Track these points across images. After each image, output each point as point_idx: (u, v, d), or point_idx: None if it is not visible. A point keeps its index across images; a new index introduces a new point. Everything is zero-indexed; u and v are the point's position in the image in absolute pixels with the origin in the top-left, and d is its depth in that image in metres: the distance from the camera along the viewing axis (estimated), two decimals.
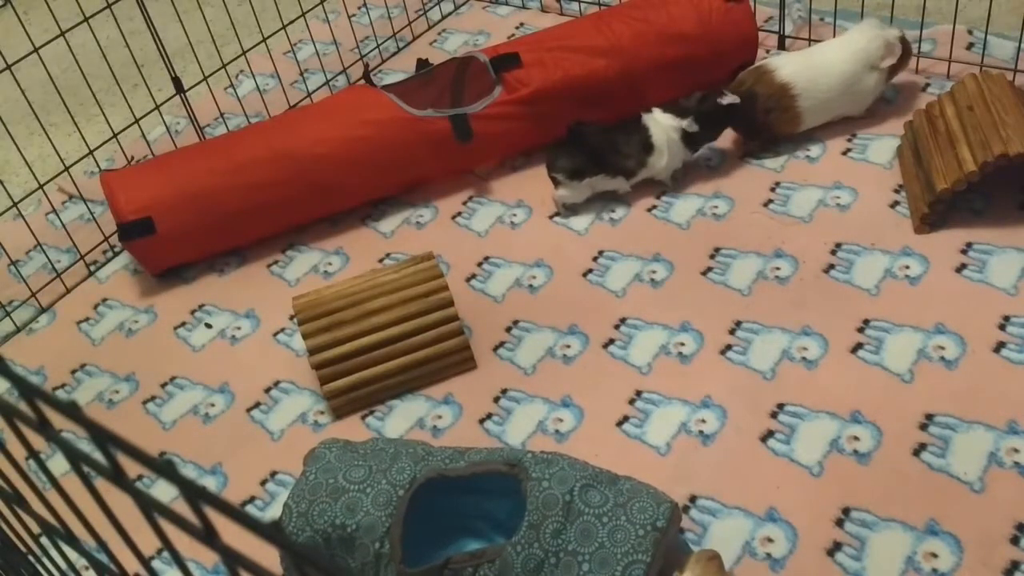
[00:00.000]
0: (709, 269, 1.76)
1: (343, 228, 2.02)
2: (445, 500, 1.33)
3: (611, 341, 1.67)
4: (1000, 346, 1.53)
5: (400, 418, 1.62)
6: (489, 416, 1.60)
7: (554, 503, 1.21)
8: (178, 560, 0.56)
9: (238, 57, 2.22)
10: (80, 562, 1.37)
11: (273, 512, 1.51)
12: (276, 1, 2.36)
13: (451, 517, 1.36)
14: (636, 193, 1.94)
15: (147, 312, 1.94)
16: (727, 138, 2.02)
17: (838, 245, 1.75)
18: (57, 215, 2.13)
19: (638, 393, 1.58)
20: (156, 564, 1.46)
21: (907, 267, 1.68)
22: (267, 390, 1.73)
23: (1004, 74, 1.83)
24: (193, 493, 0.46)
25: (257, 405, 1.70)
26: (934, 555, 1.29)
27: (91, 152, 2.05)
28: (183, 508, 0.48)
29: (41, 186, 2.01)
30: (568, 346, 1.68)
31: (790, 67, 1.91)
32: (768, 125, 1.92)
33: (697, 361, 1.61)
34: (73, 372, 1.85)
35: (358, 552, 1.25)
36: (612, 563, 1.16)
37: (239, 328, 1.86)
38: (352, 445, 1.37)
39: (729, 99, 1.88)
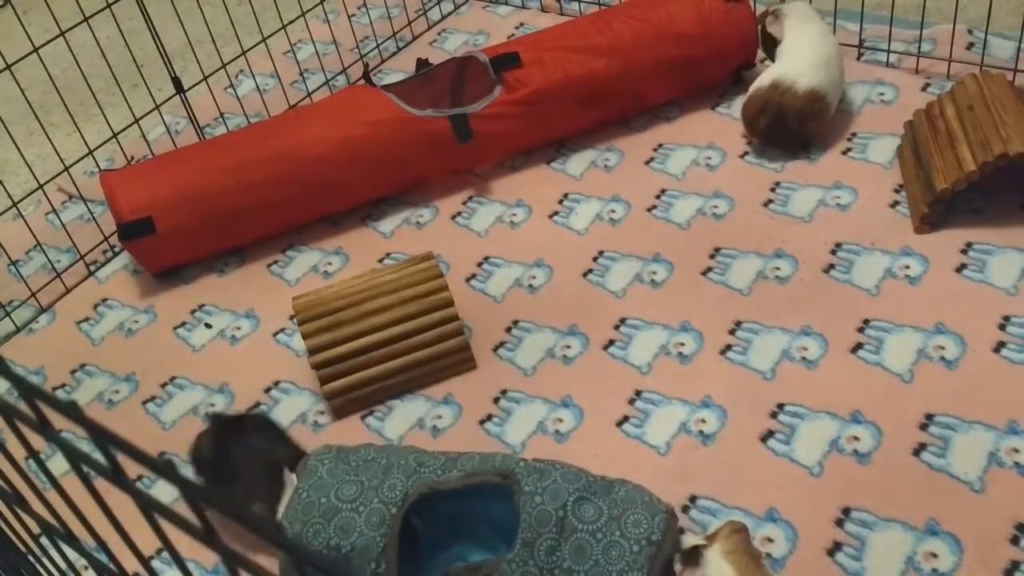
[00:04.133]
0: (709, 269, 1.76)
1: (343, 228, 2.01)
2: (442, 505, 1.32)
3: (611, 341, 1.67)
4: (1000, 346, 1.53)
5: (400, 418, 1.62)
6: (489, 417, 1.60)
7: (547, 519, 1.20)
8: (178, 560, 0.56)
9: (238, 57, 2.22)
10: (80, 562, 1.37)
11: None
12: (276, 1, 2.36)
13: (450, 522, 1.35)
14: (636, 193, 1.94)
15: (147, 312, 1.94)
16: (727, 138, 2.02)
17: (838, 245, 1.75)
18: (57, 215, 2.13)
19: (638, 393, 1.58)
20: (156, 564, 1.46)
21: (907, 267, 1.68)
22: (267, 390, 1.72)
23: (1004, 74, 1.83)
24: (193, 493, 0.46)
25: (257, 405, 1.70)
26: (934, 555, 1.29)
27: (91, 152, 2.05)
28: (183, 508, 0.48)
29: (41, 186, 2.01)
30: (568, 346, 1.68)
31: (805, 74, 1.88)
32: (804, 133, 1.92)
33: (697, 361, 1.61)
34: (73, 372, 1.85)
35: None
36: None
37: (239, 328, 1.86)
38: (344, 454, 1.35)
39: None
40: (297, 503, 1.29)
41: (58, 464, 1.58)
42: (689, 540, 1.24)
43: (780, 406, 1.51)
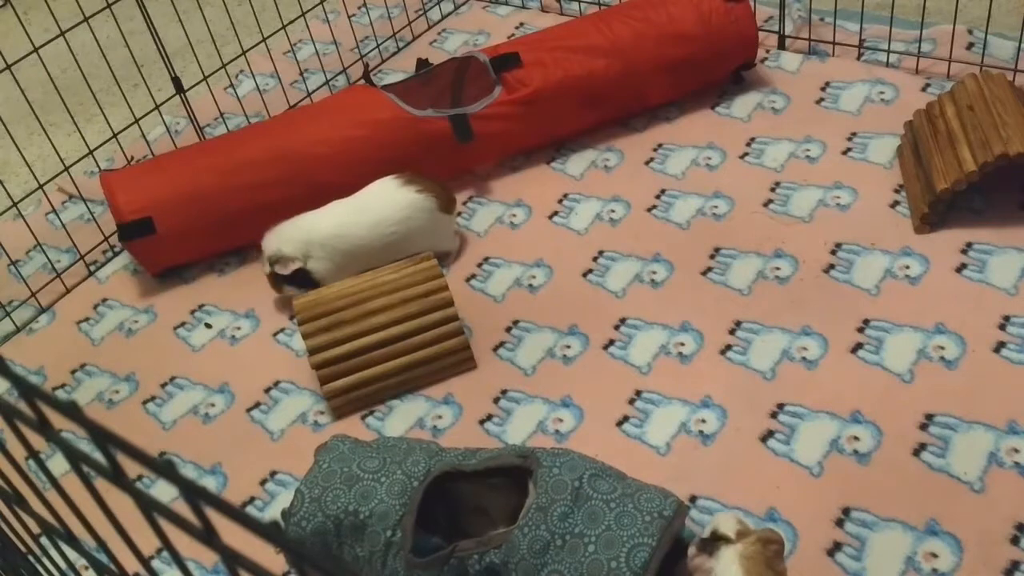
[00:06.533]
0: (709, 269, 1.76)
1: None
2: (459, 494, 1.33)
3: (611, 341, 1.67)
4: (1000, 346, 1.53)
5: (400, 418, 1.62)
6: (489, 417, 1.60)
7: (563, 488, 1.23)
8: (178, 560, 0.56)
9: (238, 57, 2.22)
10: (80, 562, 1.37)
11: (273, 512, 1.52)
12: (276, 1, 2.36)
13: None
14: (636, 193, 1.94)
15: (147, 312, 1.94)
16: (727, 138, 2.02)
17: (838, 245, 1.75)
18: (57, 215, 2.13)
19: (638, 393, 1.58)
20: (156, 564, 1.46)
21: (907, 267, 1.68)
22: (267, 390, 1.73)
23: (1004, 74, 1.83)
24: (193, 493, 0.46)
25: (257, 405, 1.70)
26: (934, 555, 1.29)
27: (91, 152, 2.05)
28: (183, 508, 0.48)
29: (41, 186, 2.01)
30: (568, 346, 1.68)
31: (280, 238, 1.81)
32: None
33: (697, 361, 1.61)
34: (73, 372, 1.85)
35: (368, 540, 1.26)
36: (617, 545, 1.17)
37: (239, 328, 1.86)
38: (363, 441, 1.39)
39: None
40: (317, 472, 1.32)
41: (58, 464, 1.58)
42: (722, 523, 1.19)
43: (780, 406, 1.51)
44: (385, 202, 1.81)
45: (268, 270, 1.81)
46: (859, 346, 1.57)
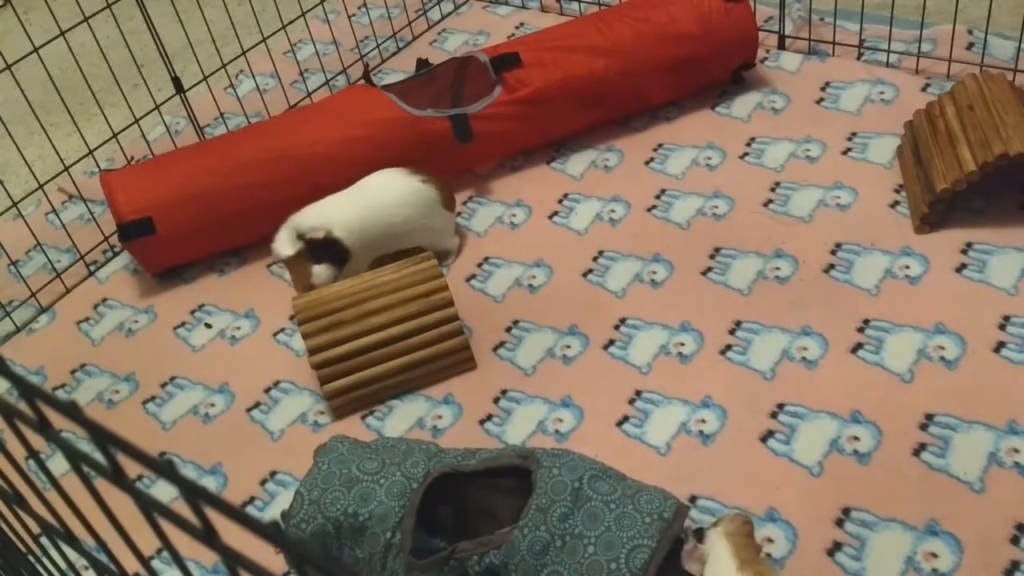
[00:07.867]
0: (709, 269, 1.76)
1: None
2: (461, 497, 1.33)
3: (611, 341, 1.67)
4: (1000, 346, 1.53)
5: (400, 418, 1.62)
6: (489, 417, 1.60)
7: (563, 489, 1.23)
8: (178, 560, 0.56)
9: (238, 57, 2.22)
10: (80, 562, 1.37)
11: (273, 512, 1.52)
12: (276, 1, 2.36)
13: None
14: (636, 193, 1.94)
15: (147, 312, 1.94)
16: (727, 138, 2.02)
17: (838, 245, 1.75)
18: (57, 215, 2.13)
19: (638, 393, 1.58)
20: (156, 564, 1.46)
21: (907, 267, 1.68)
22: (267, 390, 1.73)
23: (1004, 74, 1.83)
24: (193, 493, 0.46)
25: (257, 405, 1.70)
26: (934, 555, 1.29)
27: (91, 152, 2.05)
28: (183, 508, 0.48)
29: (41, 186, 2.01)
30: (568, 346, 1.68)
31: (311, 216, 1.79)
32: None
33: (697, 361, 1.61)
34: (73, 372, 1.85)
35: (367, 541, 1.26)
36: (617, 546, 1.17)
37: (239, 328, 1.86)
38: (362, 442, 1.39)
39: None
40: (316, 473, 1.32)
41: (58, 464, 1.58)
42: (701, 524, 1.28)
43: (780, 406, 1.51)
44: (388, 188, 1.82)
45: (290, 253, 1.72)
46: (859, 346, 1.57)
